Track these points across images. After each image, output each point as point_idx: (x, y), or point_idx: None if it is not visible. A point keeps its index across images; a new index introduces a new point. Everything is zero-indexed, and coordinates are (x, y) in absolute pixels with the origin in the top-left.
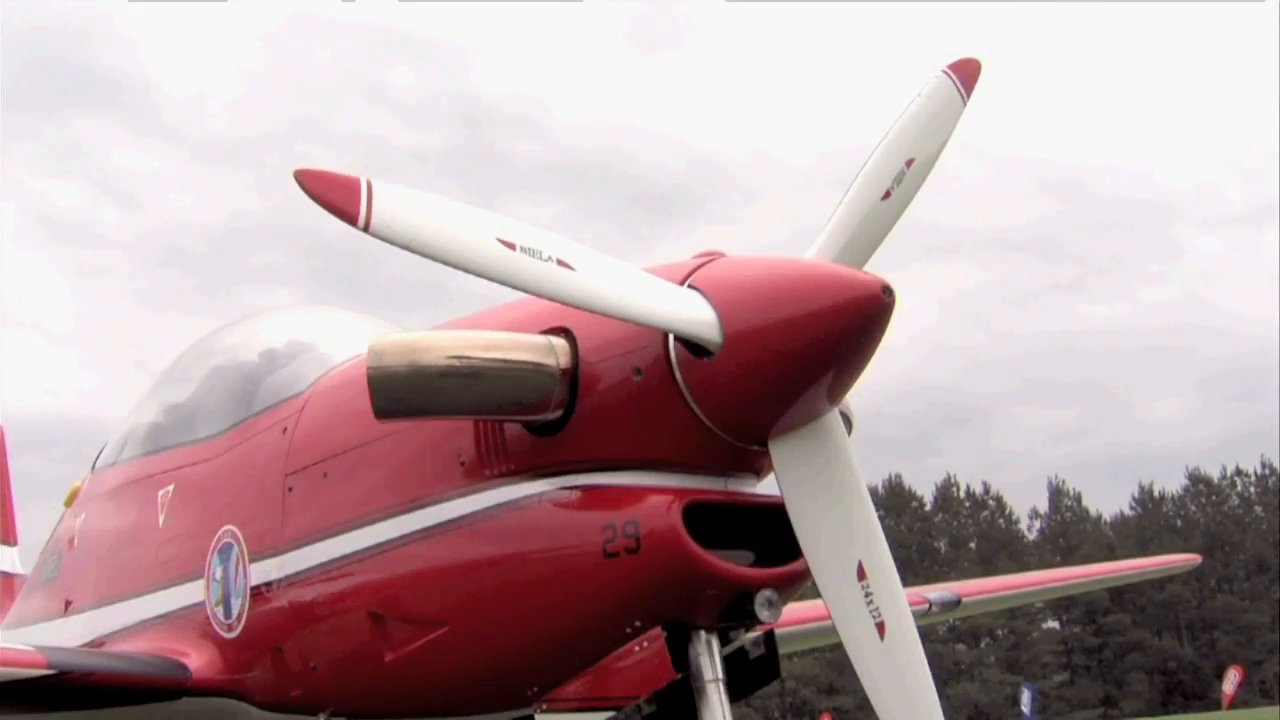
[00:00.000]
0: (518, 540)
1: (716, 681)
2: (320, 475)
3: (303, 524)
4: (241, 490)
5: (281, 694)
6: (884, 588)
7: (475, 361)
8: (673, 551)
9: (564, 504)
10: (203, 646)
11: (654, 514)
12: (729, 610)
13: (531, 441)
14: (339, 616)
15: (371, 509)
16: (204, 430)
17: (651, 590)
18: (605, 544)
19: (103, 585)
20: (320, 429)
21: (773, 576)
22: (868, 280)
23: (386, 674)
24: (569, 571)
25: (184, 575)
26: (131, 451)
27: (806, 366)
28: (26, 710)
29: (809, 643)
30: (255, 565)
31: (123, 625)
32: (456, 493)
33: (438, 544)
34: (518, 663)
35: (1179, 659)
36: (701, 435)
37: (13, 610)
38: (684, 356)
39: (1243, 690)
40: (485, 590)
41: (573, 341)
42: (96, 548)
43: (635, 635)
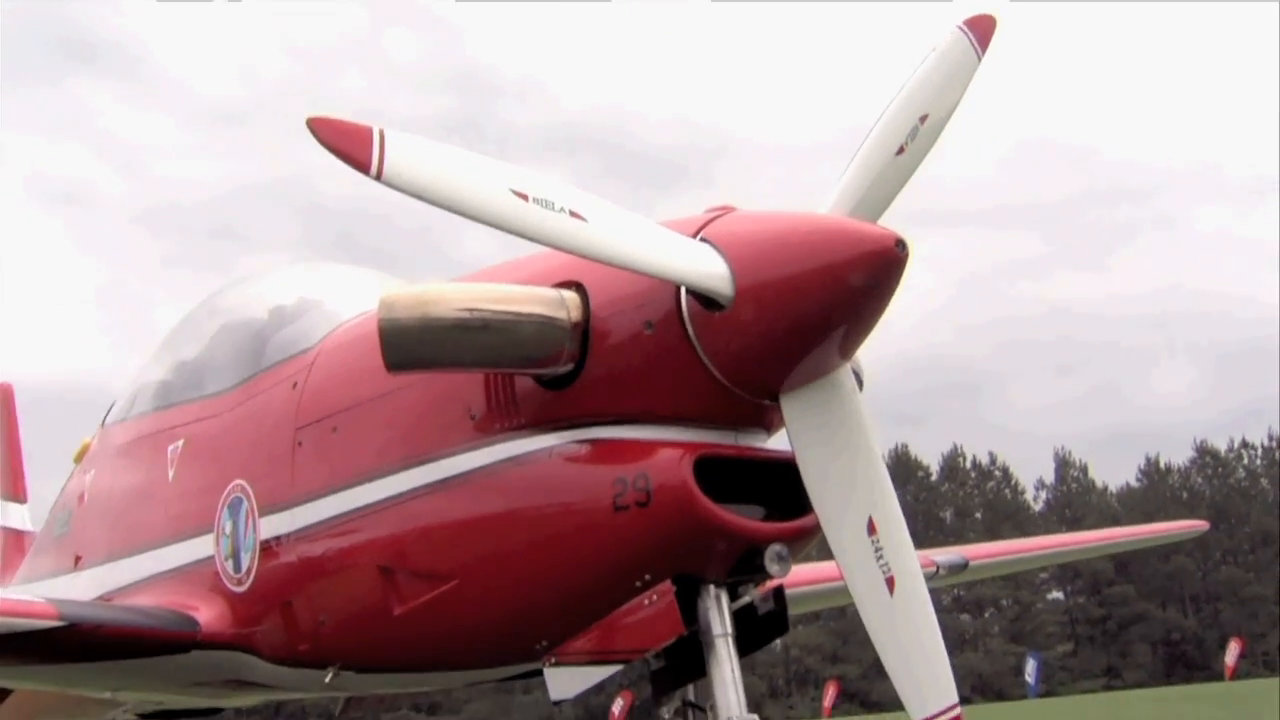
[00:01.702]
0: (527, 494)
1: (725, 636)
2: (330, 430)
3: (312, 478)
4: (251, 445)
5: (290, 648)
6: (894, 543)
7: (486, 314)
8: (683, 505)
9: (574, 458)
10: (212, 600)
11: (664, 467)
12: (739, 565)
13: (542, 395)
14: (348, 570)
15: (381, 463)
16: (213, 386)
17: (661, 544)
18: (615, 497)
19: (113, 540)
20: (330, 384)
21: (783, 531)
22: (881, 234)
23: (395, 628)
24: (578, 525)
25: (194, 530)
26: (141, 408)
27: (819, 320)
28: (38, 662)
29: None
30: (265, 519)
31: (132, 580)
32: (466, 447)
33: (447, 498)
34: (526, 616)
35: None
36: (713, 389)
37: (23, 567)
38: (696, 310)
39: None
40: (494, 544)
41: (584, 295)
42: (106, 503)
43: (644, 589)
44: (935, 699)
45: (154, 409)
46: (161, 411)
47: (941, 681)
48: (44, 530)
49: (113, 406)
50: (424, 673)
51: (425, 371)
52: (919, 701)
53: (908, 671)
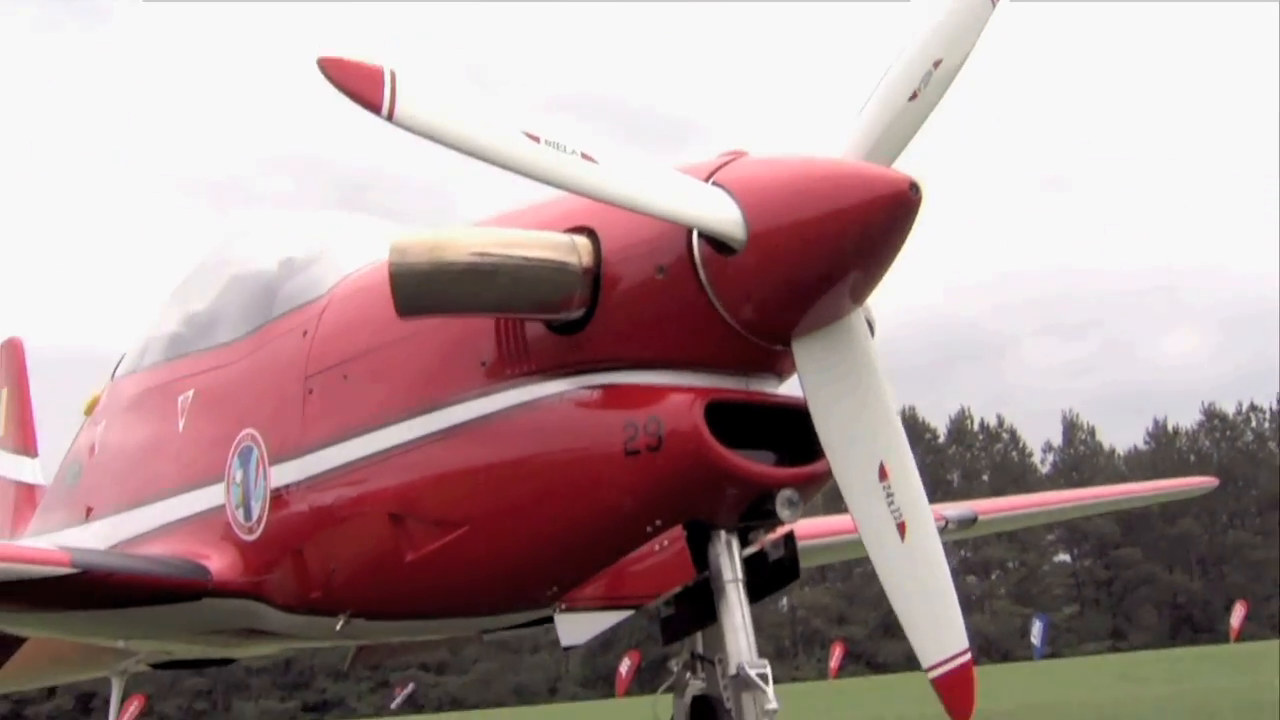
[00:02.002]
0: (538, 440)
1: (736, 582)
2: (340, 377)
3: (323, 426)
4: (261, 394)
5: (301, 596)
6: (905, 489)
7: (497, 259)
8: (694, 449)
9: (585, 403)
10: (223, 549)
11: (676, 412)
12: (750, 510)
13: (553, 341)
14: (359, 518)
15: (392, 410)
16: (223, 335)
17: (672, 488)
18: (626, 442)
19: (123, 491)
20: (341, 332)
21: (794, 476)
22: (895, 177)
23: (406, 575)
24: (589, 470)
25: (204, 479)
26: (151, 359)
27: (831, 265)
28: (51, 609)
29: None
30: (275, 468)
31: (143, 530)
32: (477, 393)
33: (458, 444)
34: (537, 562)
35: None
36: (724, 334)
37: (34, 520)
38: (708, 254)
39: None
40: (505, 490)
41: (595, 240)
42: (117, 455)
43: (655, 534)
44: (946, 645)
45: (164, 360)
46: (171, 362)
47: (952, 627)
48: (54, 483)
49: (122, 359)
50: (435, 620)
51: (436, 317)
52: (929, 648)
53: (918, 618)
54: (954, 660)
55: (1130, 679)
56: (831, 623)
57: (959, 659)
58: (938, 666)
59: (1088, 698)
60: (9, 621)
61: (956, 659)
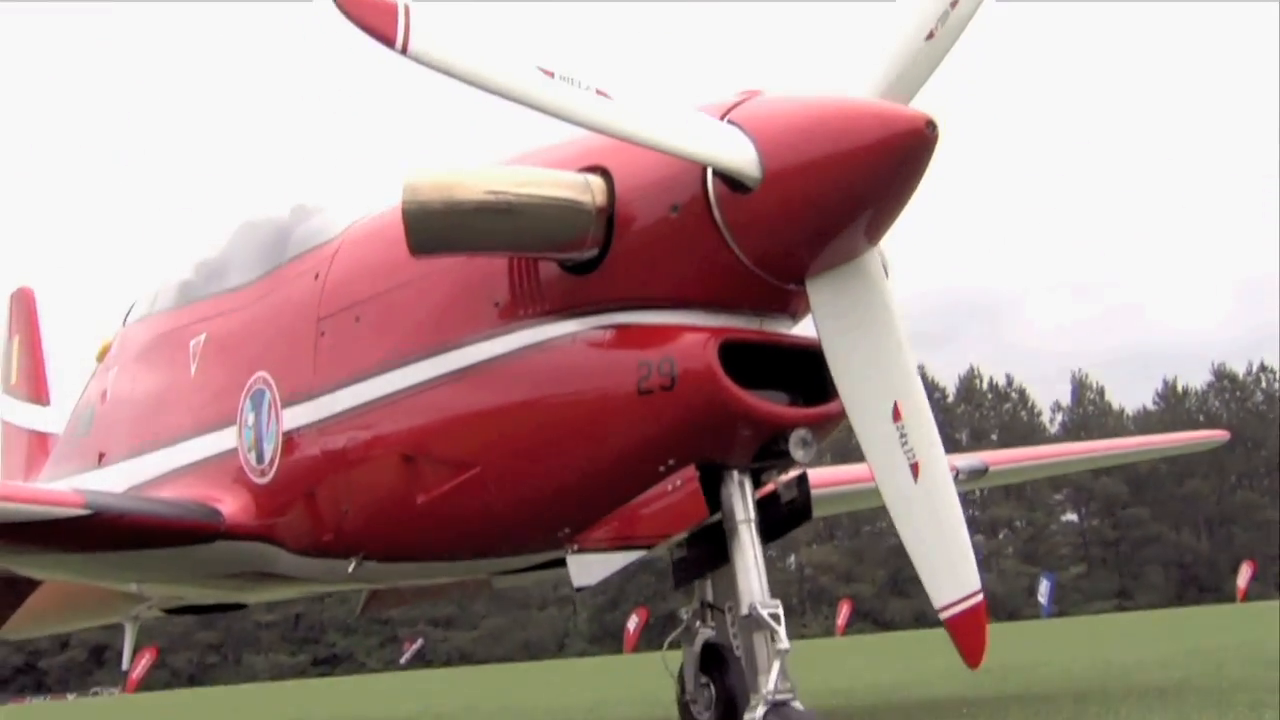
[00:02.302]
0: (551, 380)
1: (749, 522)
2: (353, 319)
3: (335, 368)
4: (273, 337)
5: (314, 538)
6: (919, 430)
7: (510, 197)
8: (708, 389)
9: (598, 343)
10: (236, 492)
11: (689, 351)
12: (763, 451)
13: (566, 281)
14: (371, 459)
15: (404, 351)
16: (235, 280)
17: (685, 428)
18: (640, 381)
19: (135, 436)
20: (353, 273)
21: (807, 416)
22: (912, 115)
23: (418, 516)
24: (603, 410)
25: (216, 422)
26: (162, 305)
27: (847, 203)
28: (65, 550)
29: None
30: (287, 410)
31: (156, 474)
32: (490, 334)
33: (471, 385)
34: (550, 502)
35: (1195, 553)
36: (738, 273)
37: (47, 467)
38: (722, 193)
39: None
40: (518, 430)
41: (609, 180)
42: (129, 400)
43: (668, 474)
44: (958, 586)
45: (175, 305)
46: (183, 308)
47: (964, 568)
48: (67, 430)
49: (133, 306)
50: (446, 561)
51: (449, 255)
52: (942, 588)
53: (931, 558)
54: (967, 601)
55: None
56: (839, 580)
57: (971, 599)
58: (950, 607)
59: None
60: (23, 563)
61: (969, 599)
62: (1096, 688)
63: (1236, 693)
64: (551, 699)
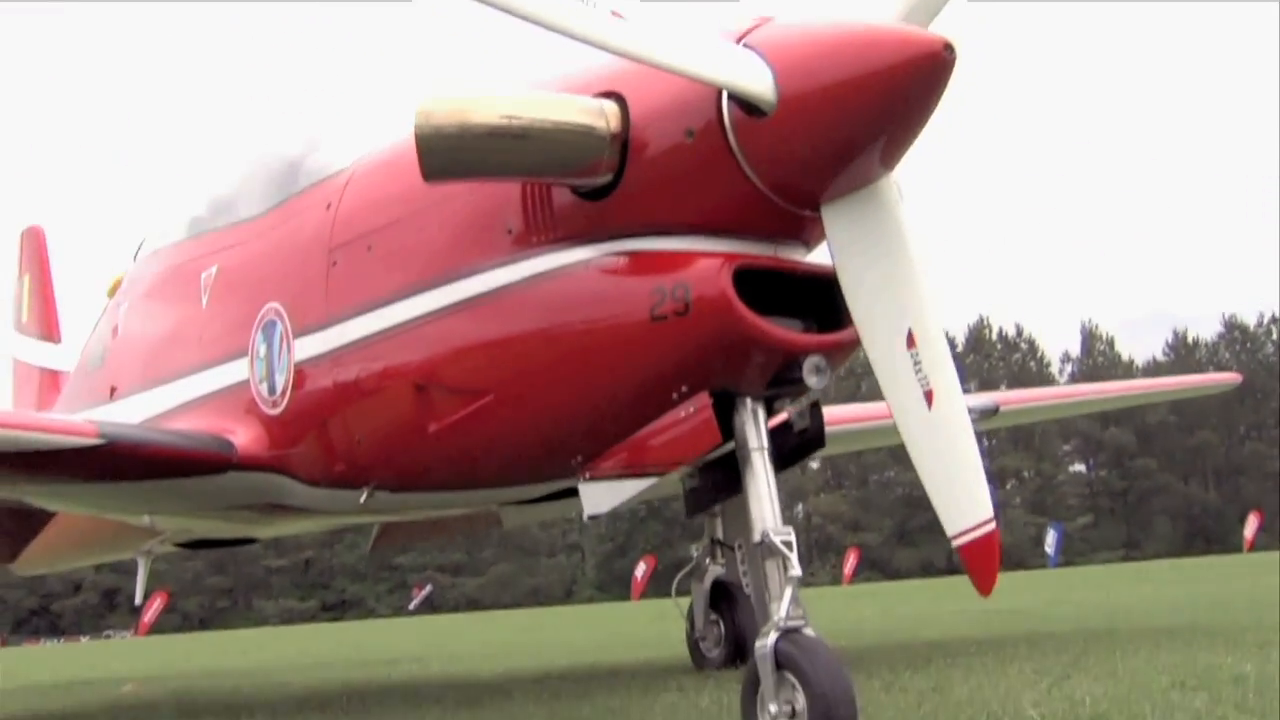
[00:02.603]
0: (564, 307)
1: (761, 450)
2: (365, 248)
3: (347, 298)
4: (285, 267)
5: (326, 469)
6: (933, 356)
7: (524, 121)
8: (722, 314)
9: (611, 269)
10: (248, 423)
11: (703, 277)
12: (776, 378)
13: (580, 207)
14: (383, 389)
15: (416, 280)
16: (246, 211)
17: (699, 354)
18: (653, 307)
19: (147, 370)
20: (364, 203)
21: (821, 343)
22: (929, 38)
23: (431, 445)
24: (615, 336)
25: (228, 354)
26: (172, 239)
27: (863, 127)
28: (77, 480)
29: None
30: (299, 341)
31: (168, 408)
32: (502, 261)
33: (483, 313)
34: (562, 430)
35: (1203, 504)
36: (753, 198)
37: (58, 403)
38: (738, 117)
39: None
40: (531, 358)
41: (624, 105)
42: (140, 334)
43: (680, 401)
44: (971, 513)
45: (185, 239)
46: (194, 240)
47: (978, 496)
48: (78, 367)
49: (143, 242)
50: (458, 491)
51: (462, 181)
52: (955, 516)
53: (944, 486)
54: (979, 529)
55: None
56: (846, 530)
57: (984, 527)
58: (963, 535)
59: (1104, 599)
60: (36, 493)
61: (982, 527)
62: (1104, 629)
63: (1244, 633)
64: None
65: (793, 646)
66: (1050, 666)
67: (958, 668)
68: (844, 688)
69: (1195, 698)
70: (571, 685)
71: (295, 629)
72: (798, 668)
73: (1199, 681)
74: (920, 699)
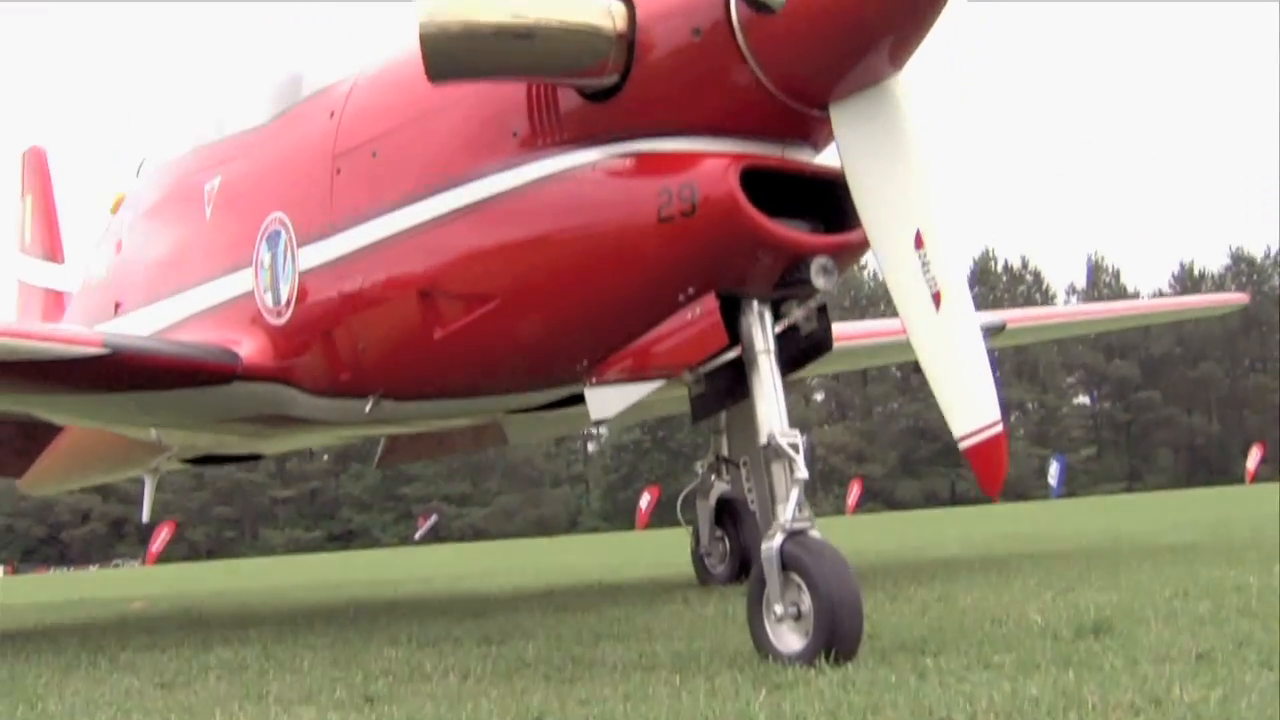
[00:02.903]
0: (570, 209)
1: (768, 352)
2: (369, 155)
3: (352, 205)
4: (288, 177)
5: (331, 378)
6: (942, 258)
7: (530, 20)
8: (729, 214)
9: (618, 171)
10: (253, 334)
11: (710, 177)
12: (783, 279)
13: (586, 109)
14: (388, 296)
15: (421, 186)
16: (247, 122)
17: (706, 254)
18: (660, 208)
19: (151, 284)
20: (369, 109)
21: (829, 244)
22: None
23: (435, 352)
24: (622, 238)
25: (232, 266)
26: (175, 152)
27: (871, 23)
28: (83, 390)
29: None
30: (303, 250)
31: (173, 321)
32: (509, 165)
33: (488, 217)
34: (568, 334)
35: (1206, 435)
36: (761, 98)
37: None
38: (746, 15)
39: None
40: (537, 261)
41: (630, 5)
42: (143, 249)
43: (687, 303)
44: (978, 415)
45: (188, 151)
46: (195, 153)
47: (985, 398)
48: (83, 284)
49: (145, 159)
50: (464, 399)
51: (467, 82)
52: (962, 418)
53: (951, 388)
54: (986, 430)
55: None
56: (850, 461)
57: (991, 429)
58: (970, 436)
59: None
60: (43, 404)
61: (989, 429)
62: (1108, 548)
63: (1247, 551)
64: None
65: (799, 548)
66: (1054, 581)
67: (961, 582)
68: (850, 589)
69: (1198, 604)
70: (576, 599)
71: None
72: (804, 569)
73: (1202, 591)
74: (924, 608)
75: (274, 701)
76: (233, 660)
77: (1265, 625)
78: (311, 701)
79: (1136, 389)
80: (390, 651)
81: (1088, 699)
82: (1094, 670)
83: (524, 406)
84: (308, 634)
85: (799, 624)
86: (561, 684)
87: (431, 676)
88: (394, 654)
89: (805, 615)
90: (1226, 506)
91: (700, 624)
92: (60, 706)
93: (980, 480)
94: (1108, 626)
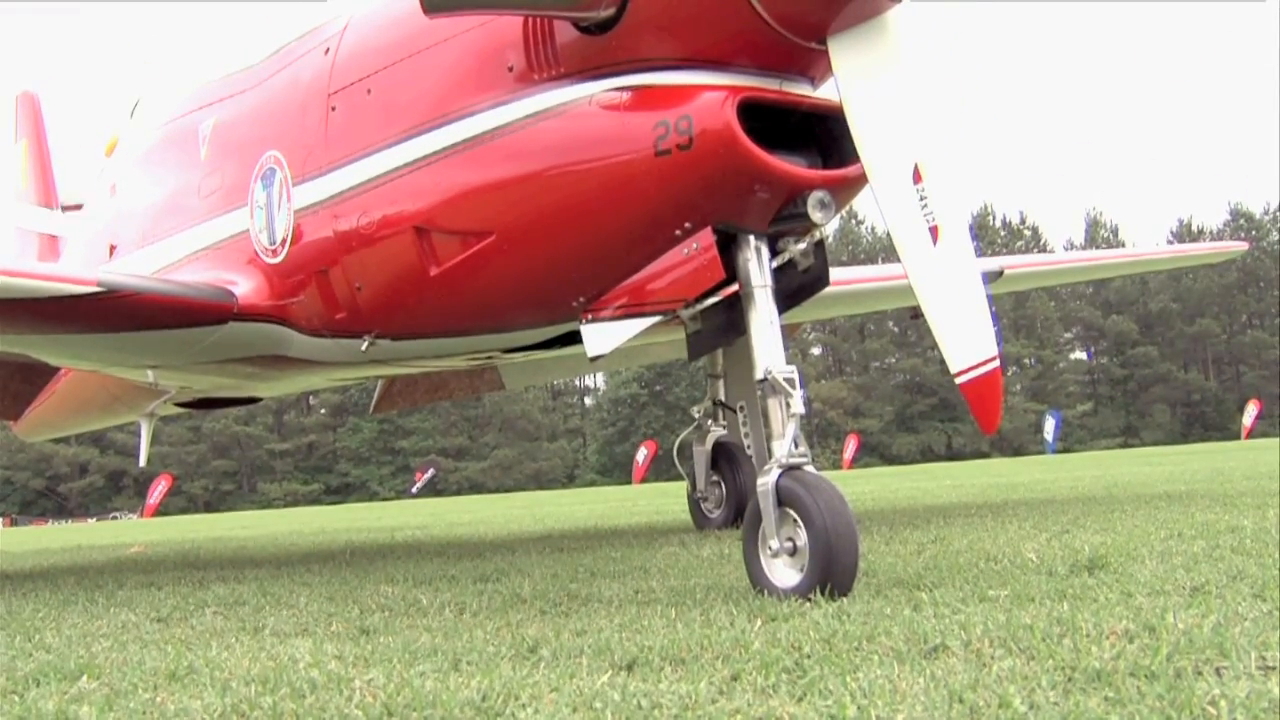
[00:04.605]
0: (566, 144)
1: (765, 287)
2: (364, 92)
3: (347, 143)
4: (283, 115)
5: (327, 318)
6: (940, 192)
7: None
8: (726, 147)
9: (614, 105)
10: (249, 273)
11: (708, 110)
12: (781, 214)
13: (582, 42)
14: (384, 234)
15: (417, 122)
16: (241, 61)
17: (703, 188)
18: (657, 141)
19: (146, 226)
20: (364, 46)
21: (827, 178)
22: None
23: (432, 290)
24: (619, 172)
25: (227, 206)
26: (168, 93)
27: None
28: (78, 329)
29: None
30: (299, 189)
31: (168, 262)
32: (504, 100)
33: (484, 153)
34: (564, 269)
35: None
36: (758, 30)
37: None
38: None
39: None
40: (533, 196)
41: None
42: (138, 191)
43: (684, 238)
44: (975, 351)
45: (181, 92)
46: (189, 93)
47: (982, 334)
48: (77, 228)
49: (139, 100)
50: (460, 337)
51: (463, 14)
52: (959, 353)
53: (947, 322)
54: (983, 366)
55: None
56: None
57: (988, 365)
58: (966, 372)
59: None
60: (38, 344)
61: (985, 365)
62: (1103, 496)
63: (1241, 498)
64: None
65: (795, 483)
66: (1049, 524)
67: (957, 526)
68: (846, 523)
69: (1193, 544)
70: (573, 542)
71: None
72: (800, 504)
73: (1197, 532)
74: (920, 549)
75: (270, 634)
76: (229, 597)
77: (1259, 561)
78: (308, 634)
79: (1134, 345)
80: (386, 589)
81: (1082, 626)
82: (1088, 602)
83: (520, 345)
84: (304, 573)
85: (794, 559)
86: (557, 617)
87: (428, 611)
88: (390, 591)
89: (801, 550)
90: (1222, 460)
91: (696, 563)
92: (58, 638)
93: (976, 416)
94: (1102, 563)
